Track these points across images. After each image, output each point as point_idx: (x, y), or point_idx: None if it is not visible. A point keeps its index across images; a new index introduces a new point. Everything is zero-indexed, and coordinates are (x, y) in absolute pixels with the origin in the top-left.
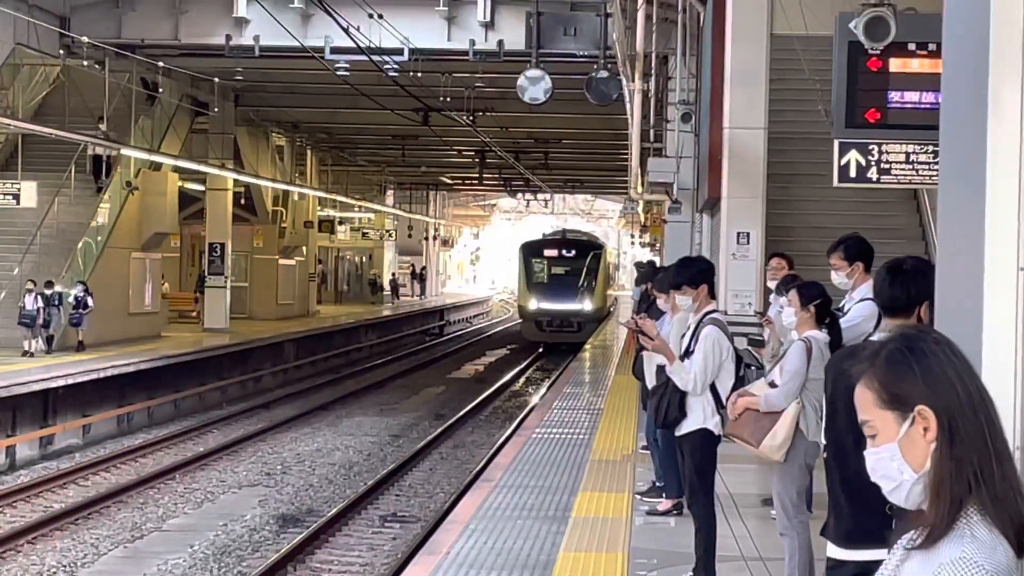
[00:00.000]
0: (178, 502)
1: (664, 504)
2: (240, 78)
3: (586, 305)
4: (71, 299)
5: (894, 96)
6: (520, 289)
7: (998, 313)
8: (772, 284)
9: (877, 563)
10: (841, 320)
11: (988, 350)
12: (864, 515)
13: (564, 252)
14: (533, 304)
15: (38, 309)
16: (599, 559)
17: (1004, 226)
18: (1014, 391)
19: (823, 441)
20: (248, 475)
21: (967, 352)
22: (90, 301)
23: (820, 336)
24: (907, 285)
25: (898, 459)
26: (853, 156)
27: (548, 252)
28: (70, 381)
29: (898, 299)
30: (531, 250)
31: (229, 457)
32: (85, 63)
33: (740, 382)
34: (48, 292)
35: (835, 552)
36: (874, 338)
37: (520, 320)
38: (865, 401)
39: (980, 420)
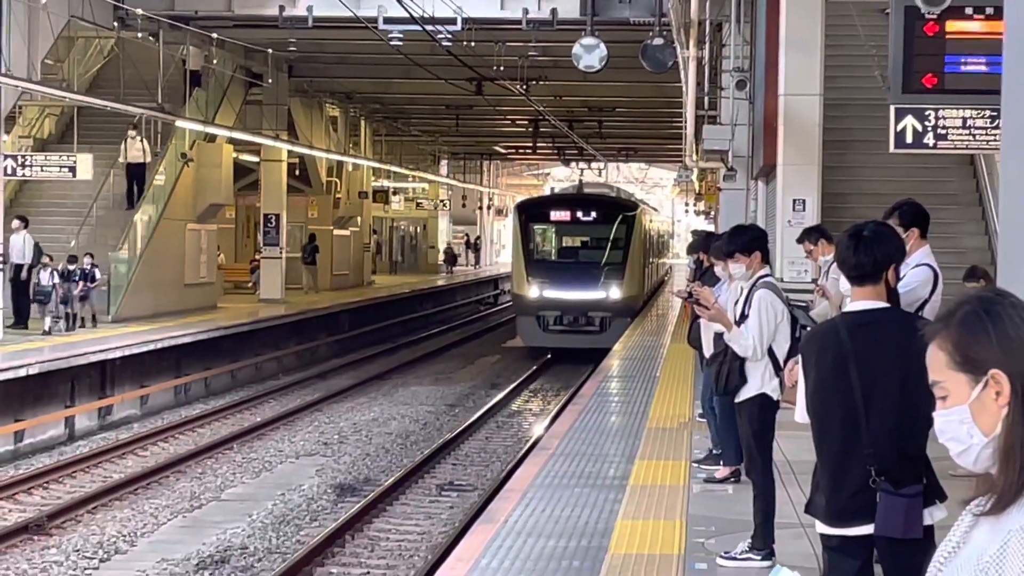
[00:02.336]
0: (236, 472)
1: (722, 471)
2: (293, 49)
3: (612, 292)
4: (77, 273)
5: (951, 61)
6: (515, 270)
7: None
8: (822, 261)
9: (866, 538)
10: (897, 285)
11: None
12: (848, 492)
13: (581, 215)
14: (534, 292)
15: (54, 285)
16: (657, 527)
17: None
18: None
19: (807, 419)
20: (305, 445)
21: None
22: (98, 274)
23: None
24: (871, 251)
25: (968, 422)
26: (909, 122)
27: (557, 215)
28: (127, 352)
29: (864, 265)
30: (532, 212)
31: (286, 427)
32: (139, 35)
33: (796, 344)
34: (71, 267)
35: (823, 528)
36: (929, 304)
37: (515, 315)
38: (937, 362)
39: None
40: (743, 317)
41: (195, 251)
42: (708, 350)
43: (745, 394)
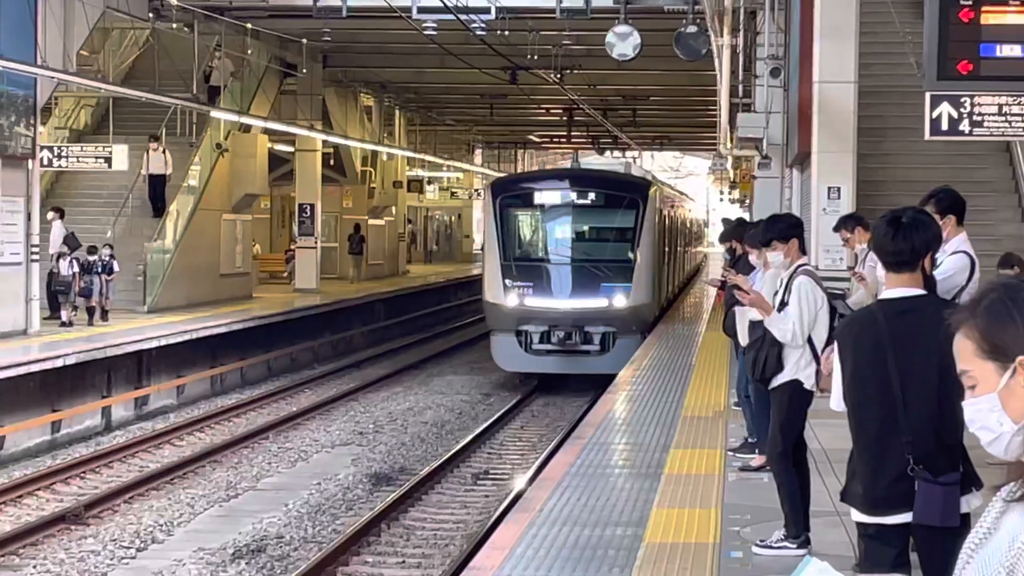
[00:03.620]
0: (272, 461)
1: (757, 460)
2: (328, 39)
3: (617, 300)
4: (98, 265)
5: (987, 47)
6: (488, 270)
7: None
8: (859, 249)
9: (903, 526)
10: (934, 272)
11: None
12: (886, 480)
13: (575, 197)
14: (512, 300)
15: (73, 275)
16: (692, 515)
17: None
18: None
19: (843, 407)
20: (341, 434)
21: None
22: (115, 266)
23: None
24: (910, 238)
25: (998, 410)
26: (945, 109)
27: (543, 197)
28: (163, 342)
29: (902, 252)
30: (510, 194)
31: (322, 416)
32: (174, 26)
33: (833, 334)
34: (91, 258)
35: (860, 517)
36: (965, 291)
37: (489, 332)
38: (965, 351)
39: None
40: (783, 305)
41: (230, 241)
42: (743, 338)
43: (780, 380)
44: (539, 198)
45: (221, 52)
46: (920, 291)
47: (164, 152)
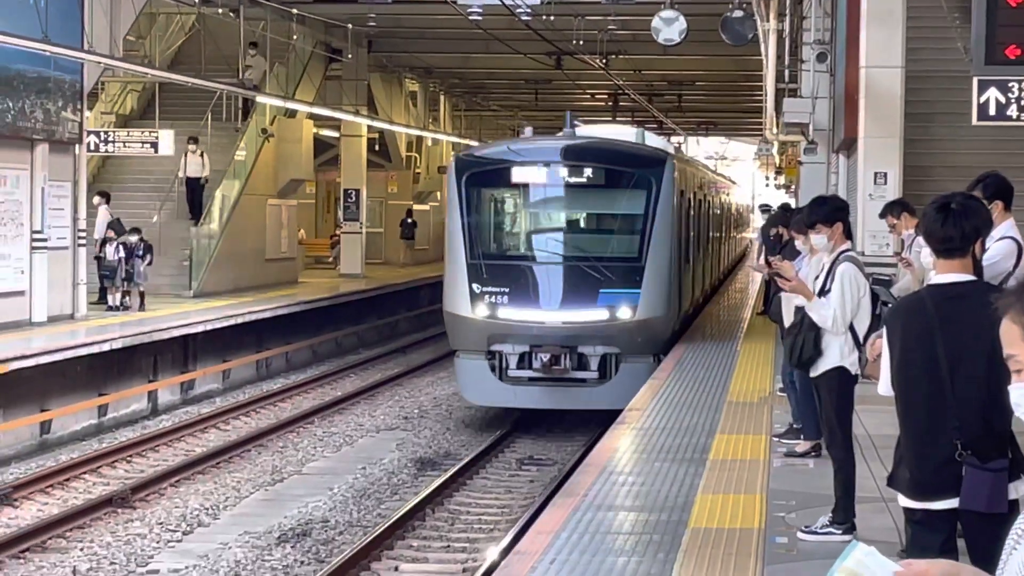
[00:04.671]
0: (317, 446)
1: (802, 446)
2: (373, 24)
3: (622, 311)
4: (140, 248)
5: None
6: (450, 272)
7: None
8: (905, 234)
9: (950, 512)
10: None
11: None
12: (932, 461)
13: (568, 174)
14: (482, 311)
15: (119, 260)
16: (737, 501)
17: None
18: None
19: (891, 392)
20: (386, 419)
21: None
22: (145, 250)
23: None
24: (959, 223)
25: None
26: (993, 94)
27: (524, 174)
28: (209, 327)
29: (952, 239)
30: (481, 171)
31: (367, 401)
32: (220, 11)
33: (876, 321)
34: (133, 240)
35: (907, 502)
36: (1013, 276)
37: (452, 349)
38: (1011, 336)
39: None
40: (823, 290)
41: (276, 226)
42: (788, 323)
43: (822, 368)
44: (518, 175)
45: (255, 50)
46: (970, 277)
47: (202, 155)
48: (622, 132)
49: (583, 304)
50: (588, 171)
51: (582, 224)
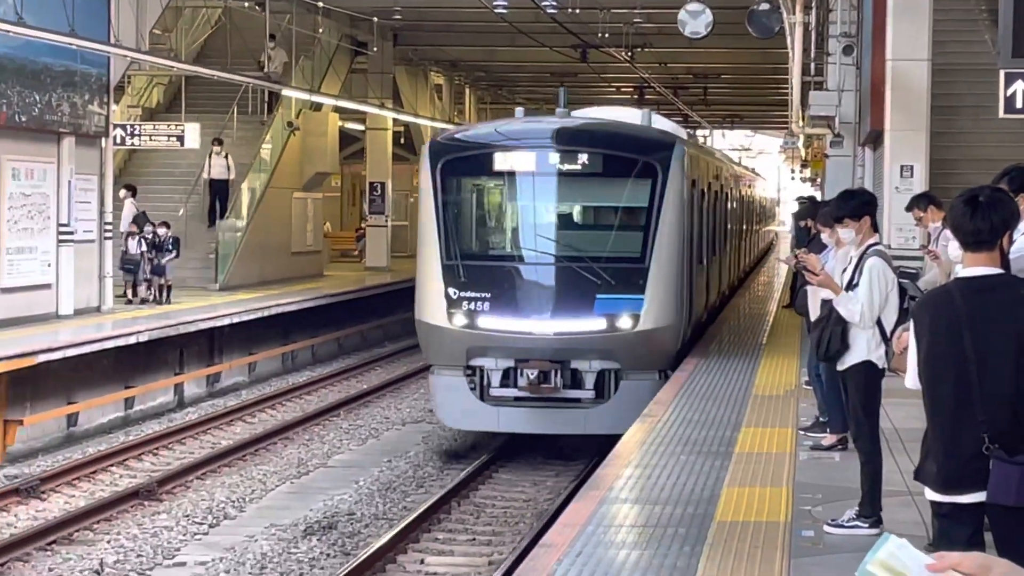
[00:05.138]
0: (343, 438)
1: (828, 439)
2: (398, 17)
3: (622, 320)
4: (169, 241)
5: None
6: (423, 272)
7: None
8: (932, 227)
9: (978, 505)
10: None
11: None
12: (961, 459)
13: (560, 160)
14: (459, 320)
15: (141, 253)
16: (763, 494)
17: None
18: None
19: (918, 385)
20: (411, 412)
21: None
22: (172, 244)
23: None
24: (988, 216)
25: None
26: (1020, 87)
27: (509, 160)
28: (235, 320)
29: (981, 232)
30: (459, 156)
31: (392, 394)
32: (245, 4)
33: (903, 315)
34: (161, 233)
35: (934, 496)
36: None
37: (425, 362)
38: None
39: None
40: (851, 285)
41: (301, 219)
42: (815, 317)
43: (849, 361)
44: (502, 162)
45: (274, 42)
46: (998, 270)
47: (227, 157)
48: (626, 114)
49: (577, 312)
50: (583, 157)
51: (576, 219)
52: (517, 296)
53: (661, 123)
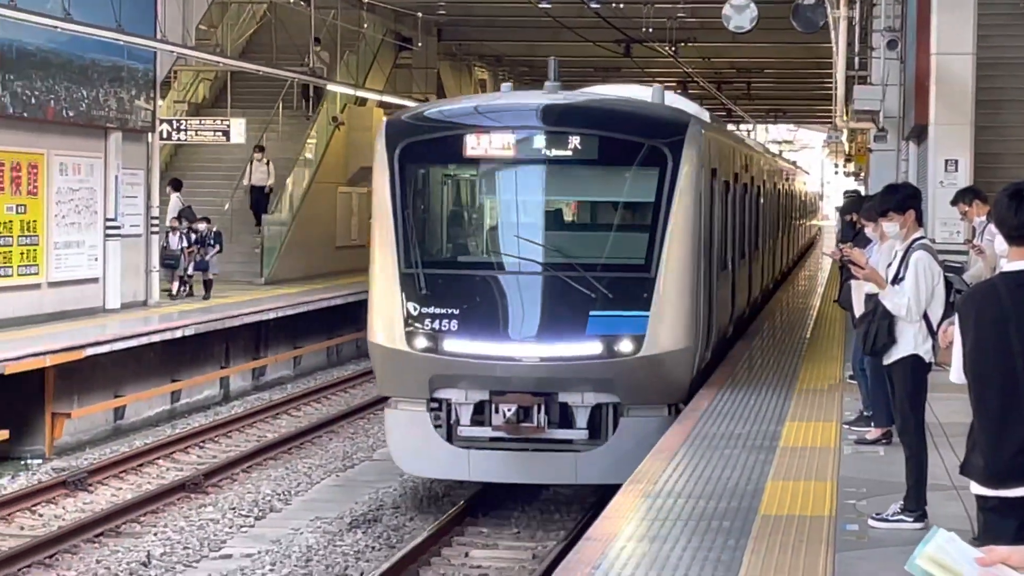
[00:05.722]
0: None
1: (873, 433)
2: (443, 12)
3: (622, 343)
4: (211, 236)
5: None
6: (377, 282)
7: None
8: (977, 221)
9: (1022, 499)
10: None
11: None
12: (1009, 453)
13: (545, 145)
14: (421, 341)
15: (182, 249)
16: (808, 488)
17: None
18: None
19: (963, 380)
20: None
21: None
22: (216, 239)
23: None
24: None
25: None
26: None
27: (482, 143)
28: (280, 314)
29: (1021, 226)
30: (421, 140)
31: None
32: (291, 0)
33: (949, 309)
34: (203, 228)
35: (980, 490)
36: None
37: (377, 390)
38: None
39: None
40: (897, 278)
41: (346, 214)
42: (859, 311)
43: (896, 355)
44: (474, 146)
45: (319, 46)
46: None
47: (268, 164)
48: (634, 91)
49: (566, 333)
50: (574, 141)
51: (565, 217)
52: (492, 313)
53: (678, 103)
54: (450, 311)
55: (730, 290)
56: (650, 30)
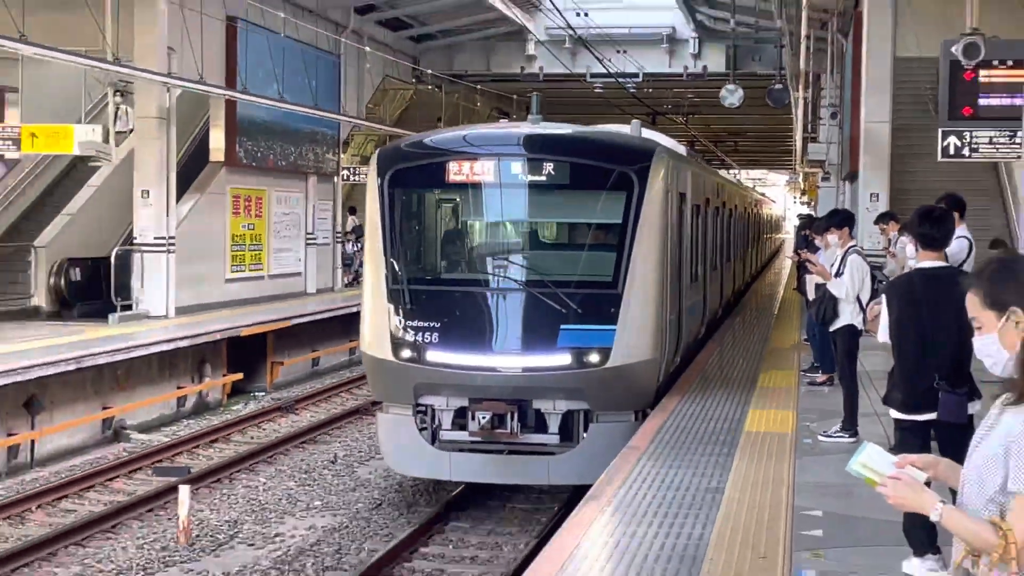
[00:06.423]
0: None
1: (821, 377)
2: (528, 95)
3: (590, 354)
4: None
5: (983, 97)
6: (368, 297)
7: None
8: (892, 235)
9: (927, 423)
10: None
11: None
12: (918, 388)
13: (521, 171)
14: (406, 352)
15: (354, 253)
16: (777, 415)
17: None
18: None
19: (888, 341)
20: None
21: None
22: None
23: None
24: (939, 226)
25: (996, 344)
26: (952, 140)
27: (463, 171)
28: None
29: (934, 237)
30: (409, 167)
31: None
32: (429, 87)
33: (875, 293)
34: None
35: (898, 415)
36: (967, 264)
37: (372, 397)
38: (974, 304)
39: None
40: (839, 273)
41: None
42: (812, 296)
43: (838, 324)
44: (456, 173)
45: (440, 123)
46: (944, 263)
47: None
48: (620, 127)
49: (538, 345)
50: (547, 167)
51: (539, 238)
52: (471, 326)
53: (655, 137)
54: (432, 324)
55: (701, 299)
56: (669, 106)
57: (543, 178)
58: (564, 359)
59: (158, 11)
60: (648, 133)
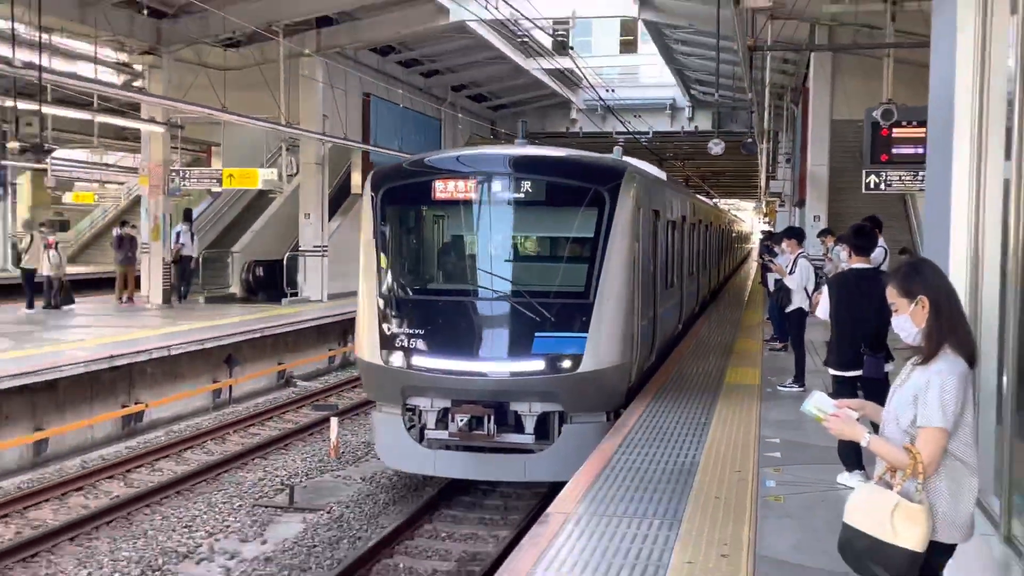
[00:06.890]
0: None
1: (778, 345)
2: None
3: (564, 360)
4: None
5: (896, 147)
6: (361, 307)
7: (957, 253)
8: (829, 245)
9: (855, 378)
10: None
11: (952, 270)
12: (849, 353)
13: (500, 189)
14: (395, 358)
15: None
16: (747, 371)
17: (959, 213)
18: (967, 293)
19: (827, 319)
20: None
21: (943, 269)
22: None
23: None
24: (865, 239)
25: (909, 322)
26: (872, 178)
27: (447, 189)
28: None
29: (865, 246)
30: (398, 185)
31: None
32: (502, 142)
33: (818, 286)
34: None
35: (835, 372)
36: (883, 266)
37: (367, 398)
38: (892, 294)
39: (951, 303)
40: (791, 271)
41: None
42: (771, 287)
43: (791, 307)
44: (441, 191)
45: None
46: (871, 265)
47: None
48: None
49: (515, 351)
50: (525, 185)
51: (517, 251)
52: (453, 333)
53: (635, 162)
54: (417, 331)
55: (679, 299)
56: (671, 154)
57: (522, 195)
58: (539, 364)
59: (316, 89)
60: (635, 162)
